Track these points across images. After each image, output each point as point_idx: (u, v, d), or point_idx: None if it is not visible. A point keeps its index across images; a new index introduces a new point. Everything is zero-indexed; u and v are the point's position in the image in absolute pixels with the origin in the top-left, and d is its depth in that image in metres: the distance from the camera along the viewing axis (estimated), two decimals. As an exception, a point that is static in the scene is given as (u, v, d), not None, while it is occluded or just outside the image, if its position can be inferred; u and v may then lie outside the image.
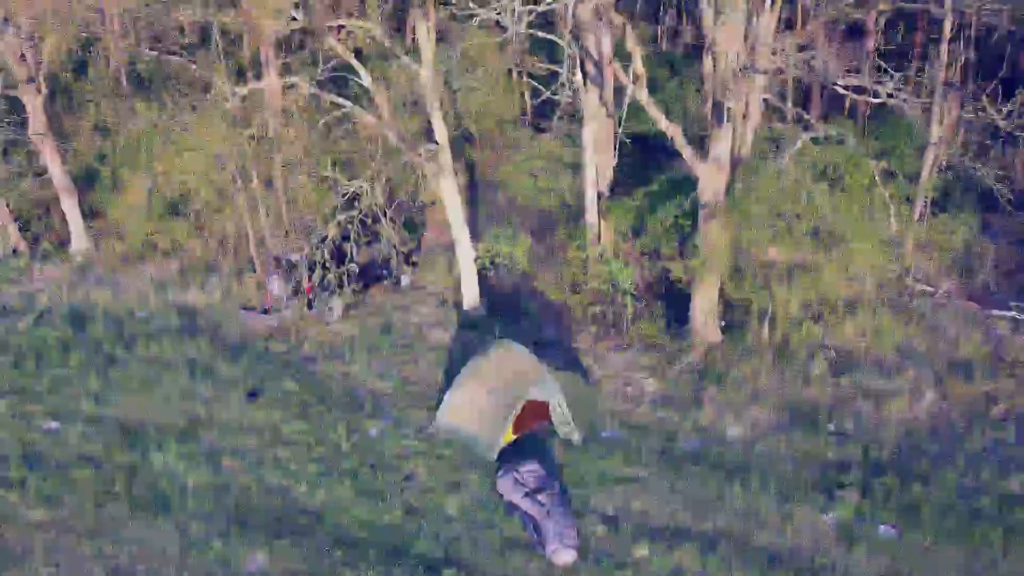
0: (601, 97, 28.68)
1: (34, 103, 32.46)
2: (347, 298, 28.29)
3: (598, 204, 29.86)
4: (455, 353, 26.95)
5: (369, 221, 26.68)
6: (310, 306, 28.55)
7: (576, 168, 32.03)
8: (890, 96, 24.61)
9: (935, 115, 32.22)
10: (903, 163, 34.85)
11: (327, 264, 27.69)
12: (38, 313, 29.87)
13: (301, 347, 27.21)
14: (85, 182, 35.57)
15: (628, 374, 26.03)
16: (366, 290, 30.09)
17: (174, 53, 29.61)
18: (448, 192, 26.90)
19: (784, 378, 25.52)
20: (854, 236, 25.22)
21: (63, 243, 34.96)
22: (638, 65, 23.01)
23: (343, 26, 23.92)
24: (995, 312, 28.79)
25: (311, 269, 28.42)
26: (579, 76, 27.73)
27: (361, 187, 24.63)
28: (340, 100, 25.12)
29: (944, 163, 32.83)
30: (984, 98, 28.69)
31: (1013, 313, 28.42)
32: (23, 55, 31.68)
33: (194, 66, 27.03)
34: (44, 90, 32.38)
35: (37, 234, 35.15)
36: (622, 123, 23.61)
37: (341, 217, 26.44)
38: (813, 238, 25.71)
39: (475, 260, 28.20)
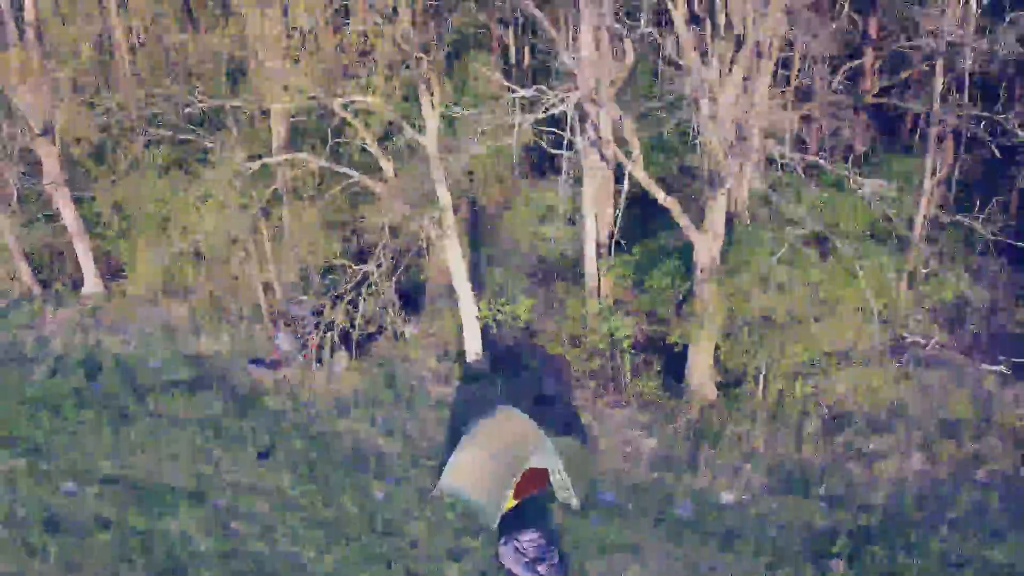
0: (602, 156, 29.44)
1: (49, 154, 33.27)
2: (350, 357, 29.14)
3: (597, 258, 30.66)
4: (458, 408, 27.77)
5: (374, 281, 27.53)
6: (318, 360, 29.35)
7: (578, 215, 32.77)
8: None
9: (927, 167, 33.05)
10: (900, 206, 35.84)
11: (332, 319, 28.50)
12: (52, 362, 30.74)
13: (309, 403, 28.00)
14: (97, 225, 36.35)
15: (626, 432, 26.84)
16: (370, 340, 30.88)
17: (186, 130, 30.48)
18: (451, 253, 27.71)
19: (777, 439, 26.30)
20: (843, 300, 26.03)
21: (75, 285, 35.82)
22: (635, 145, 23.80)
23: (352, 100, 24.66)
24: (984, 366, 29.52)
25: (317, 324, 29.23)
26: (580, 140, 28.55)
27: (370, 271, 25.66)
28: (348, 171, 25.93)
29: (938, 209, 33.74)
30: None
31: (1001, 368, 29.15)
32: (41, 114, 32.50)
33: (208, 144, 27.84)
34: (59, 143, 33.16)
35: (50, 277, 35.96)
36: (625, 178, 24.16)
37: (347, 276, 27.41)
38: (805, 301, 26.50)
39: (477, 317, 28.98)
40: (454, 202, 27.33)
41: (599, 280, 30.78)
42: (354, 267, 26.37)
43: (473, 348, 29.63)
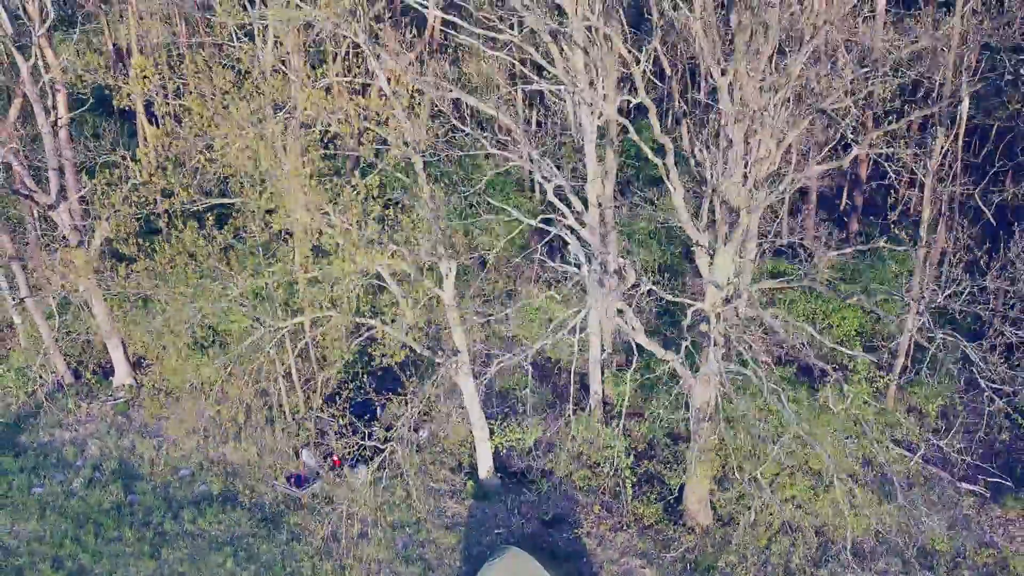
0: (603, 283, 31.27)
1: (85, 262, 35.13)
2: (369, 469, 31.17)
3: (602, 376, 32.60)
4: (472, 530, 29.87)
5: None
6: (339, 473, 31.40)
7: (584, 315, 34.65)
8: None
9: (915, 283, 34.91)
10: (894, 306, 37.73)
11: (355, 431, 30.58)
12: (90, 470, 32.82)
13: (334, 524, 30.02)
14: (127, 319, 38.28)
15: (626, 561, 28.92)
16: (387, 444, 32.90)
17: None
18: (466, 389, 29.71)
19: (767, 570, 28.38)
20: (828, 447, 28.03)
21: (106, 374, 37.85)
22: (636, 324, 25.82)
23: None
24: (964, 486, 31.48)
25: (340, 435, 31.28)
26: (585, 270, 30.37)
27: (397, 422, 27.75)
28: (372, 322, 27.86)
29: (926, 316, 35.59)
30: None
31: (980, 488, 31.12)
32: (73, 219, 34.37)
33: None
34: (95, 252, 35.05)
35: (81, 365, 37.95)
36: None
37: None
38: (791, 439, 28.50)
39: (489, 440, 31.01)
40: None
41: (602, 394, 32.78)
42: (385, 432, 28.50)
43: (485, 466, 31.67)
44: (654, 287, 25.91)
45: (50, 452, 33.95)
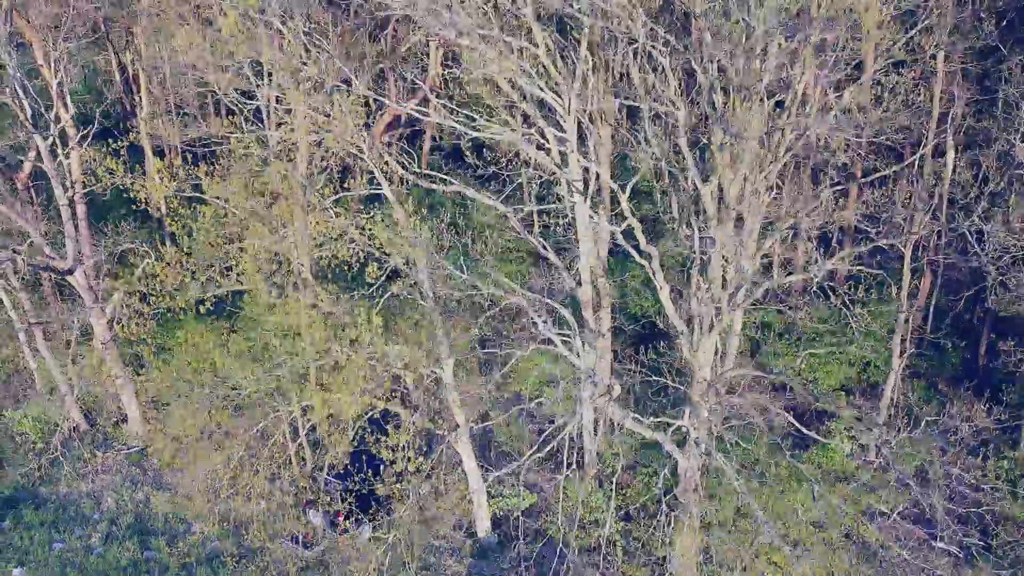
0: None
1: (100, 323, 36.68)
2: (373, 527, 32.87)
3: (595, 432, 34.27)
4: (470, 590, 31.64)
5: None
6: (344, 530, 33.08)
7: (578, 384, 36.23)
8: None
9: (896, 343, 36.53)
10: (883, 354, 39.29)
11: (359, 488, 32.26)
12: (107, 525, 34.48)
13: (338, 586, 31.78)
14: (141, 369, 39.88)
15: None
16: (390, 501, 34.52)
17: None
18: (468, 462, 31.43)
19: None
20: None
21: (119, 420, 39.47)
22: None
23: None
24: (940, 545, 33.14)
25: (343, 497, 32.94)
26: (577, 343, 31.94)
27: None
28: (376, 402, 29.51)
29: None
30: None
31: (955, 548, 32.76)
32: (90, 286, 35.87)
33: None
34: (110, 312, 36.58)
35: (94, 414, 39.56)
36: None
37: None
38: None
39: (487, 502, 32.67)
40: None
41: (597, 451, 34.46)
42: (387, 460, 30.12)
43: (483, 525, 33.35)
44: (635, 418, 27.54)
45: (68, 505, 35.60)
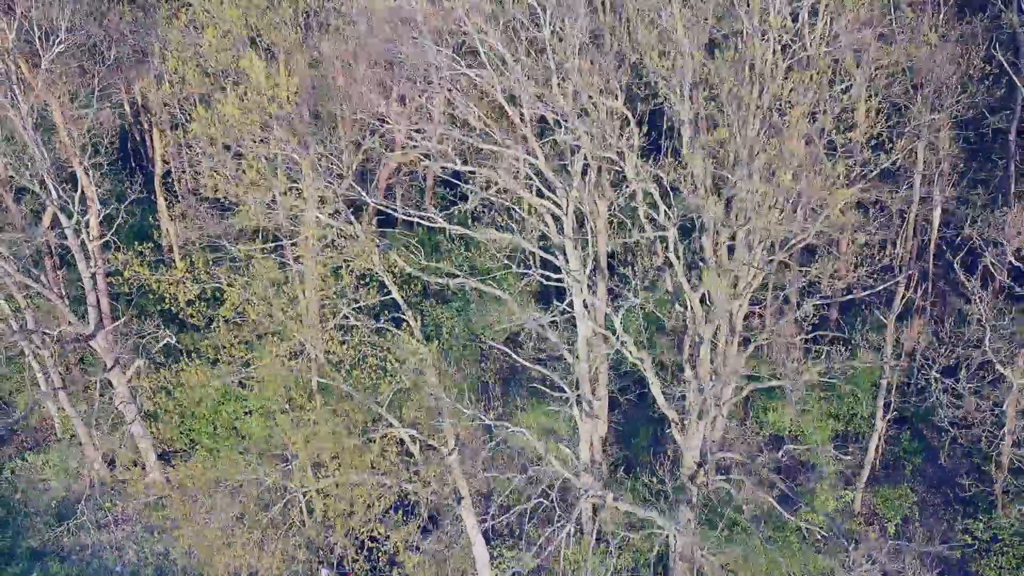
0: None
1: (120, 382, 38.52)
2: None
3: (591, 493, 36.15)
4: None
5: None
6: (354, 590, 35.11)
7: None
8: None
9: (879, 401, 38.35)
10: (863, 405, 41.12)
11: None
12: (130, 577, 36.58)
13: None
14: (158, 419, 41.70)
15: None
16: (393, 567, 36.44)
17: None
18: (468, 519, 33.32)
19: None
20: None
21: (136, 464, 41.31)
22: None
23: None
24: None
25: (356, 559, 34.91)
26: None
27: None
28: (385, 481, 31.48)
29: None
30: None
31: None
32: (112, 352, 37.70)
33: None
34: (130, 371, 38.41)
35: (113, 461, 41.42)
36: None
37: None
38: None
39: (489, 567, 34.60)
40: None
41: (593, 515, 36.37)
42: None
43: (486, 583, 35.31)
44: (618, 501, 29.44)
45: (92, 558, 37.53)
